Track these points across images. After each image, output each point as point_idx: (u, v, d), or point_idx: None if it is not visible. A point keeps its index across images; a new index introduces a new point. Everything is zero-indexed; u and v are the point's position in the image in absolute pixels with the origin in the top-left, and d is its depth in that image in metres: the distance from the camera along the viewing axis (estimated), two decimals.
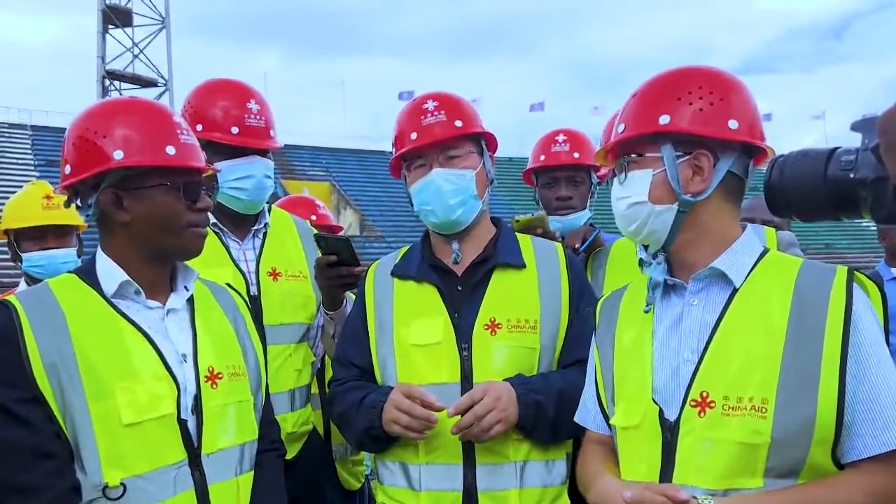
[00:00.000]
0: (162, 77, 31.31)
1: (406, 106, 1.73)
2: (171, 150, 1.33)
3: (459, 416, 1.49)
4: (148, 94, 31.17)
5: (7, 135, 24.14)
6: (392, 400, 1.54)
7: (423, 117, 1.65)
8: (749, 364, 1.17)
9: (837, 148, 0.93)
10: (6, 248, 2.48)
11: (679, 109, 1.23)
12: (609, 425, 1.36)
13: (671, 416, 1.22)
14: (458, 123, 1.64)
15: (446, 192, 1.62)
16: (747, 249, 1.26)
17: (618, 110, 1.36)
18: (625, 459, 1.31)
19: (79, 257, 2.39)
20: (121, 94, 30.25)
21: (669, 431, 1.21)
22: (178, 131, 1.37)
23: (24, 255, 2.39)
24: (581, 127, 2.39)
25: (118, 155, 1.31)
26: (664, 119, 1.24)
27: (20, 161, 23.61)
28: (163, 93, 30.82)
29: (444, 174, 1.63)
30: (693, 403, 1.19)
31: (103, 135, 1.32)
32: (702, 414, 1.18)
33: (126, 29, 30.92)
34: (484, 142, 1.71)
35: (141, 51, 31.19)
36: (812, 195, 0.94)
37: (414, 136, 1.65)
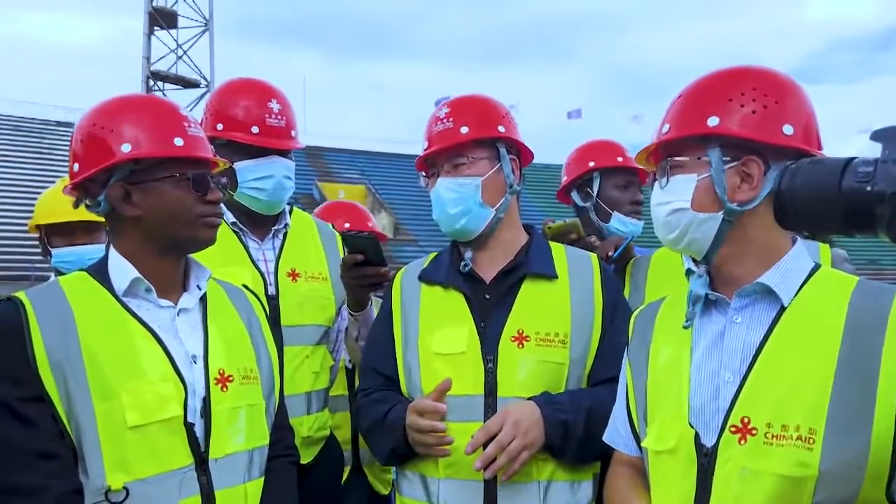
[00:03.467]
0: (204, 78, 31.86)
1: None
2: (178, 141, 1.31)
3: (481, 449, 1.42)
4: (190, 94, 31.78)
5: (55, 132, 24.75)
6: (410, 424, 1.49)
7: (435, 125, 1.64)
8: (796, 389, 1.07)
9: (854, 158, 0.84)
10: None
11: (729, 111, 1.14)
12: (640, 447, 1.27)
13: (708, 441, 1.13)
14: (464, 130, 1.59)
15: (446, 201, 1.60)
16: (797, 265, 1.16)
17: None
18: (656, 485, 1.22)
19: None
20: (164, 94, 30.90)
21: (706, 458, 1.12)
22: (185, 124, 1.35)
23: (53, 251, 2.38)
24: (620, 135, 2.39)
25: (125, 148, 1.29)
26: (713, 121, 1.15)
27: (65, 157, 24.17)
28: (204, 93, 31.33)
29: (446, 183, 1.60)
30: (733, 429, 1.10)
31: (111, 129, 1.30)
32: (742, 441, 1.09)
33: (171, 31, 31.56)
34: (505, 146, 1.64)
35: (185, 52, 31.78)
36: (824, 208, 0.84)
37: (426, 145, 1.65)
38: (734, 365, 1.15)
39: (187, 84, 32.17)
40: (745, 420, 1.10)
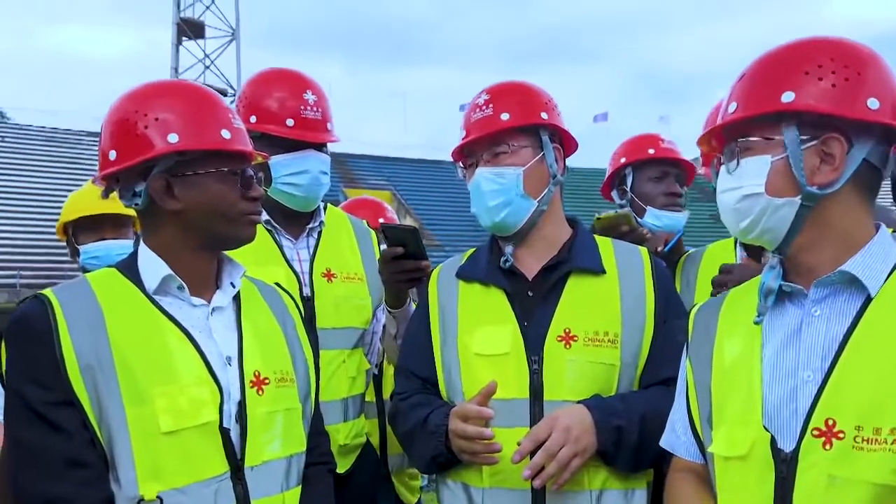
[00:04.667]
0: (231, 87, 32.17)
1: None
2: (226, 133, 1.24)
3: (528, 458, 1.34)
4: None
5: (86, 142, 25.13)
6: (454, 430, 1.40)
7: (473, 113, 1.55)
8: (888, 388, 0.97)
9: None
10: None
11: (806, 85, 1.04)
12: (703, 452, 1.18)
13: (787, 446, 1.04)
14: (505, 117, 1.50)
15: (486, 192, 1.51)
16: (883, 252, 1.06)
17: (722, 98, 1.18)
18: (725, 494, 1.12)
19: None
20: None
21: (785, 465, 1.03)
22: (230, 115, 1.28)
23: (80, 248, 2.33)
24: None
25: (172, 139, 1.21)
26: (788, 96, 1.04)
27: (96, 167, 24.49)
28: (231, 102, 31.69)
29: (486, 174, 1.51)
30: (816, 433, 1.01)
31: (154, 117, 1.22)
32: (827, 446, 0.99)
33: (198, 41, 31.98)
34: (548, 134, 1.55)
35: (212, 62, 32.21)
36: None
37: (463, 133, 1.56)
38: (814, 362, 1.05)
39: None
40: (830, 422, 1.00)
